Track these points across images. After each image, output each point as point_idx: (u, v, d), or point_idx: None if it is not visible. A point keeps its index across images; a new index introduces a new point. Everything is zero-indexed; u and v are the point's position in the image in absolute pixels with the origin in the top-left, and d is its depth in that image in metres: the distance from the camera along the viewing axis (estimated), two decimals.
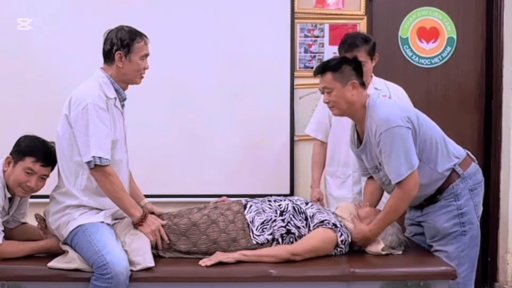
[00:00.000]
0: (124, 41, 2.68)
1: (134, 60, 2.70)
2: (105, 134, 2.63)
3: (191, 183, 3.84)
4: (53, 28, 3.76)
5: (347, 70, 2.77)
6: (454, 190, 2.76)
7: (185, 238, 2.77)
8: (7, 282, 2.58)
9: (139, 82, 2.79)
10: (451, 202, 2.77)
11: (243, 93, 3.83)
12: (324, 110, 3.41)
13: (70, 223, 2.66)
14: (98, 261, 2.53)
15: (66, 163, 2.69)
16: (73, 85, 3.70)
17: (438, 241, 2.81)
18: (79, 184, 2.69)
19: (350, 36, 3.35)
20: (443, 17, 4.09)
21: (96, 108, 2.62)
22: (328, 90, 2.78)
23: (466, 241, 2.76)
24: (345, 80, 2.75)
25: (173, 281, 2.61)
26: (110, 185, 2.62)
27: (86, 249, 2.59)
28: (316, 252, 2.74)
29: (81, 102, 2.64)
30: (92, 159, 2.58)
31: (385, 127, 2.65)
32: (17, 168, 2.70)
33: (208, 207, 2.93)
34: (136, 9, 3.79)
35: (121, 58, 2.68)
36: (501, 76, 4.05)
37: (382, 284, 2.65)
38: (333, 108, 2.81)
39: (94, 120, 2.60)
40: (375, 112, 2.71)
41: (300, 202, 2.94)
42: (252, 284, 2.61)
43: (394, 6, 4.09)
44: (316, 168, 3.52)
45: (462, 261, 2.76)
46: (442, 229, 2.78)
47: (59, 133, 2.70)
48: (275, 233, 2.79)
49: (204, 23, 3.83)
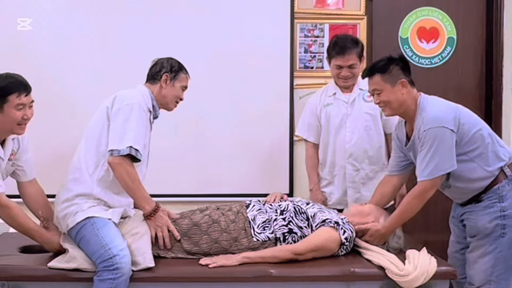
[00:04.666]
0: (173, 67, 2.92)
1: (176, 86, 2.92)
2: (142, 134, 2.75)
3: (190, 182, 3.83)
4: (53, 28, 3.75)
5: (395, 70, 2.79)
6: (500, 191, 2.75)
7: (187, 238, 2.78)
8: (7, 282, 2.58)
9: (172, 108, 2.96)
10: (495, 203, 2.75)
11: (243, 93, 3.83)
12: (313, 112, 3.52)
13: (78, 214, 2.67)
14: (104, 255, 2.54)
15: (90, 153, 2.75)
16: (73, 85, 3.76)
17: (477, 240, 2.79)
18: (97, 173, 2.73)
19: (341, 39, 3.39)
20: (443, 17, 4.09)
21: (141, 109, 2.76)
22: (378, 91, 2.81)
23: (504, 243, 2.74)
24: (394, 80, 2.78)
25: (173, 281, 2.61)
26: (127, 175, 2.67)
27: (93, 242, 2.60)
28: (320, 252, 2.75)
29: (127, 99, 2.77)
30: (127, 149, 2.65)
31: (431, 125, 2.67)
32: (6, 111, 2.61)
33: (209, 208, 2.94)
34: (137, 9, 3.79)
35: (167, 80, 2.89)
36: (501, 76, 4.05)
37: (382, 284, 2.65)
38: (385, 108, 2.84)
39: (136, 117, 2.73)
40: (425, 110, 2.74)
41: (301, 202, 2.95)
42: (252, 284, 2.62)
43: (394, 6, 4.09)
44: (313, 171, 3.54)
45: (498, 261, 2.74)
46: (484, 229, 2.76)
47: (90, 125, 2.82)
48: (276, 232, 2.79)
49: (204, 23, 3.83)
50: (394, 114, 2.86)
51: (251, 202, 2.96)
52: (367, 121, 3.41)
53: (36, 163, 3.67)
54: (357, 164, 3.42)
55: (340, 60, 3.32)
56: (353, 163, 3.42)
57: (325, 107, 3.47)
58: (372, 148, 3.42)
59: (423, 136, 2.70)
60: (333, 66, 3.38)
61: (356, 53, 3.34)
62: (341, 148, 3.43)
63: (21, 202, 2.86)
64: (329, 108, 3.46)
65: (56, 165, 3.68)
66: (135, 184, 2.70)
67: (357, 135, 3.41)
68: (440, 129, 2.67)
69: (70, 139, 3.69)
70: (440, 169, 2.68)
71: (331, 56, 3.36)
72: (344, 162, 3.43)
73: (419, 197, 2.74)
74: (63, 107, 3.75)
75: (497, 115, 4.07)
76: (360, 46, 3.38)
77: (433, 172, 2.68)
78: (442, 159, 2.67)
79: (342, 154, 3.43)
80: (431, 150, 2.67)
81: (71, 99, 3.75)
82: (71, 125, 3.73)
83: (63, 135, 3.73)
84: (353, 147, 3.41)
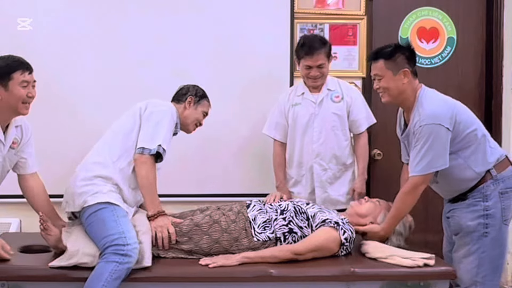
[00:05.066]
0: (198, 93, 3.15)
1: (198, 110, 3.14)
2: (169, 138, 2.92)
3: (190, 183, 3.83)
4: (53, 28, 3.75)
5: (400, 58, 2.79)
6: (484, 191, 2.76)
7: (187, 238, 2.78)
8: (7, 282, 2.58)
9: (191, 130, 3.17)
10: (479, 202, 2.77)
11: (243, 92, 3.83)
12: (281, 111, 3.57)
13: (98, 195, 2.73)
14: (118, 240, 2.59)
15: (115, 145, 2.88)
16: (73, 85, 3.76)
17: (460, 238, 2.81)
18: (119, 164, 2.84)
19: (309, 39, 3.45)
20: (443, 17, 4.09)
21: (173, 117, 2.98)
22: (379, 77, 2.82)
23: (487, 243, 2.74)
24: (398, 68, 2.78)
25: (173, 281, 2.62)
26: (147, 175, 2.79)
27: (110, 227, 2.64)
28: (320, 252, 2.75)
29: (161, 106, 2.98)
30: (157, 147, 2.81)
31: (427, 122, 2.69)
32: (11, 88, 2.65)
33: (210, 208, 2.94)
34: (137, 9, 3.79)
35: (191, 102, 3.11)
36: (501, 76, 4.05)
37: (382, 284, 2.65)
38: (383, 95, 2.85)
39: (168, 122, 2.91)
40: (423, 104, 2.75)
41: (301, 202, 2.95)
42: (252, 284, 2.62)
43: (394, 6, 4.08)
44: (279, 168, 3.59)
45: (482, 262, 2.75)
46: (466, 227, 2.78)
47: (121, 120, 2.98)
48: (276, 232, 2.80)
49: (204, 23, 3.83)
50: (391, 101, 2.85)
51: (251, 202, 2.97)
52: (334, 121, 3.47)
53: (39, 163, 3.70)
54: (324, 164, 3.47)
55: (309, 60, 3.38)
56: (320, 162, 3.47)
57: (293, 106, 3.53)
58: (339, 148, 3.48)
59: (419, 132, 2.71)
60: (302, 67, 3.44)
61: (325, 53, 3.39)
62: (309, 148, 3.48)
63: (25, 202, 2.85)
64: (297, 108, 3.51)
65: (56, 164, 3.69)
66: (151, 185, 2.81)
67: (324, 135, 3.46)
68: (436, 126, 2.68)
69: (70, 139, 3.71)
70: (432, 166, 2.70)
71: (300, 57, 3.42)
72: (311, 161, 3.48)
73: (411, 192, 2.76)
74: (63, 107, 3.74)
75: (497, 115, 4.07)
76: (328, 46, 3.44)
77: (425, 168, 2.71)
78: (436, 156, 2.69)
79: (310, 154, 3.48)
80: (425, 146, 2.69)
81: (71, 99, 3.75)
82: (71, 124, 3.73)
83: (63, 135, 3.73)
84: (320, 147, 3.46)
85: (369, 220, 2.90)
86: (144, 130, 2.88)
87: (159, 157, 2.85)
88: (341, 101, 3.51)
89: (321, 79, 3.45)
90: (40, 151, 3.70)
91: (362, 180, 3.55)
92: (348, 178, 3.55)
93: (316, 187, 3.48)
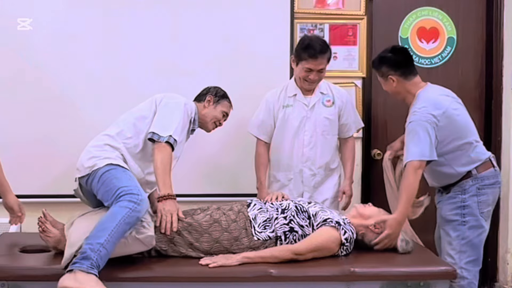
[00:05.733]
0: (218, 93, 3.30)
1: (218, 110, 3.28)
2: (180, 130, 3.01)
3: (190, 182, 3.83)
4: (53, 28, 3.75)
5: (384, 68, 3.17)
6: (464, 186, 3.07)
7: (188, 232, 2.79)
8: (7, 282, 2.58)
9: (210, 129, 3.31)
10: (458, 194, 3.09)
11: (243, 92, 3.82)
12: (269, 110, 3.49)
13: (108, 160, 2.87)
14: (134, 191, 2.70)
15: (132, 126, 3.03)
16: (73, 85, 3.75)
17: (443, 227, 3.15)
18: (128, 142, 2.99)
19: (314, 41, 3.33)
20: (443, 17, 4.09)
21: (186, 110, 3.09)
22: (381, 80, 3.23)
23: (466, 230, 3.05)
24: (385, 75, 3.18)
25: (173, 281, 2.62)
26: (162, 159, 2.90)
27: (125, 180, 2.77)
28: (320, 251, 2.75)
29: (176, 99, 3.11)
30: (167, 137, 2.91)
31: (413, 119, 3.01)
32: None
33: (210, 208, 2.94)
34: (137, 10, 3.78)
35: (210, 101, 3.26)
36: (501, 76, 4.05)
37: (382, 284, 2.65)
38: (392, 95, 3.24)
39: (181, 114, 3.04)
40: (417, 103, 3.07)
41: (302, 201, 2.96)
42: (252, 284, 2.62)
43: (394, 6, 4.08)
44: (262, 169, 3.50)
45: (463, 248, 3.05)
46: (446, 216, 3.12)
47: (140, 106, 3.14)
48: (277, 231, 2.80)
49: (204, 23, 3.82)
50: (399, 99, 3.24)
51: (252, 201, 2.97)
52: (325, 125, 3.43)
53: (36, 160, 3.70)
54: (314, 169, 3.43)
55: (311, 63, 3.30)
56: (310, 167, 3.43)
57: (284, 108, 3.45)
58: (329, 153, 3.46)
59: (407, 127, 3.03)
60: (301, 68, 3.34)
61: (327, 57, 3.34)
62: (299, 151, 3.43)
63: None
64: (288, 109, 3.44)
65: (56, 164, 3.69)
66: (165, 167, 2.90)
67: (315, 139, 3.42)
68: (423, 123, 2.98)
69: (70, 138, 3.71)
70: (423, 155, 2.95)
71: (302, 58, 3.31)
72: (301, 165, 3.43)
73: (412, 174, 2.94)
74: (63, 107, 3.74)
75: (497, 115, 4.07)
76: (330, 50, 3.36)
77: (416, 155, 2.95)
78: (425, 147, 2.95)
79: (299, 158, 3.43)
80: (414, 138, 2.97)
81: (71, 99, 3.74)
82: (71, 124, 3.73)
83: (63, 134, 3.73)
84: (310, 151, 3.42)
85: (371, 222, 2.89)
86: (157, 117, 3.01)
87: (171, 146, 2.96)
88: (332, 105, 3.47)
89: (317, 82, 3.41)
90: (40, 151, 3.72)
91: (350, 183, 3.54)
92: (333, 182, 3.51)
93: (304, 192, 3.44)
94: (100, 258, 2.50)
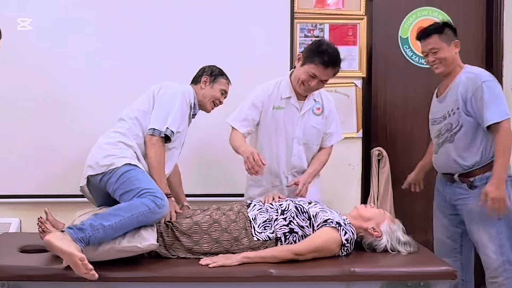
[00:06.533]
0: (213, 72, 3.27)
1: (215, 89, 3.24)
2: (180, 120, 3.03)
3: (190, 183, 3.82)
4: (53, 28, 3.75)
5: (450, 32, 3.14)
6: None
7: (187, 236, 2.78)
8: (7, 282, 2.57)
9: (209, 109, 3.27)
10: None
11: (243, 92, 3.82)
12: (256, 107, 3.25)
13: (126, 159, 2.86)
14: (157, 194, 2.71)
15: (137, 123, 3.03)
16: (73, 85, 3.75)
17: (475, 225, 3.06)
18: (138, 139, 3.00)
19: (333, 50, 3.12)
20: (443, 17, 4.08)
21: (185, 98, 3.08)
22: (435, 50, 3.13)
23: (502, 225, 3.01)
24: (449, 40, 3.12)
25: (173, 281, 2.61)
26: (155, 156, 2.94)
27: (147, 182, 2.77)
28: (321, 252, 2.74)
29: (173, 88, 3.10)
30: (165, 129, 2.95)
31: (488, 78, 3.02)
32: None
33: (210, 208, 2.94)
34: (137, 10, 3.79)
35: (206, 82, 3.23)
36: (501, 76, 4.05)
37: (382, 284, 2.65)
38: (439, 65, 3.15)
39: (180, 105, 3.04)
40: (473, 69, 3.12)
41: (303, 202, 2.95)
42: (252, 284, 2.62)
43: (394, 6, 4.09)
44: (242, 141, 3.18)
45: (503, 242, 3.03)
46: (479, 212, 3.02)
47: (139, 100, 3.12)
48: (277, 232, 2.79)
49: (204, 23, 3.83)
50: (446, 71, 3.14)
51: (252, 201, 2.97)
52: (312, 135, 3.28)
53: (36, 160, 3.70)
54: (298, 176, 3.29)
55: (320, 71, 3.08)
56: (295, 175, 3.30)
57: (275, 109, 3.23)
58: (308, 162, 3.33)
59: (481, 88, 2.99)
60: (306, 71, 3.11)
61: (336, 71, 3.15)
62: (286, 159, 3.26)
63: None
64: (278, 112, 3.22)
65: (56, 164, 3.69)
66: (158, 166, 2.94)
67: (301, 148, 3.28)
68: (495, 82, 3.04)
69: (70, 139, 3.71)
70: (504, 114, 2.96)
71: (312, 61, 3.08)
72: (287, 173, 3.29)
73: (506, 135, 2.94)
74: (63, 107, 3.74)
75: None
76: (340, 65, 3.15)
77: (501, 115, 2.96)
78: (503, 105, 2.99)
79: (286, 165, 3.27)
80: (494, 98, 2.97)
81: (71, 99, 3.74)
82: (71, 124, 3.73)
83: (63, 135, 3.73)
84: (297, 160, 3.28)
85: (372, 225, 2.87)
86: (155, 111, 3.02)
87: (168, 138, 2.98)
88: (321, 114, 3.30)
89: (313, 91, 3.23)
90: (40, 151, 3.72)
91: (308, 179, 3.27)
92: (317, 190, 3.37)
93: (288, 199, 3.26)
94: (94, 237, 2.52)
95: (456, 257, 3.24)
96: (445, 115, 3.13)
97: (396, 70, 4.10)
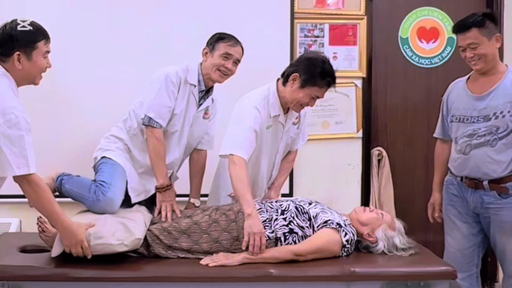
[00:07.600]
0: (212, 40, 3.18)
1: (215, 56, 3.14)
2: (165, 103, 3.03)
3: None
4: (53, 28, 3.73)
5: (491, 25, 2.89)
6: None
7: (186, 236, 2.78)
8: (7, 282, 2.57)
9: (219, 80, 3.18)
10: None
11: (243, 92, 3.81)
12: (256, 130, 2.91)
13: (107, 151, 3.07)
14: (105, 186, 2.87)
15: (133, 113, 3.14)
16: (73, 85, 3.75)
17: (509, 236, 2.88)
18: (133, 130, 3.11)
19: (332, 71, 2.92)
20: (443, 17, 4.09)
21: (167, 80, 3.04)
22: (474, 45, 2.87)
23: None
24: (490, 34, 2.87)
25: (173, 281, 2.62)
26: (153, 147, 3.02)
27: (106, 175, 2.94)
28: (321, 253, 2.74)
29: (159, 73, 3.09)
30: (144, 116, 3.02)
31: None
32: (34, 58, 2.53)
33: (210, 208, 2.94)
34: (137, 11, 3.79)
35: (207, 53, 3.16)
36: None
37: (382, 284, 2.65)
38: (478, 62, 2.89)
39: (157, 89, 3.04)
40: None
41: (303, 202, 2.93)
42: (252, 284, 2.62)
43: (394, 6, 4.09)
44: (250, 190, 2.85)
45: None
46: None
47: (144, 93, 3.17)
48: (277, 232, 2.79)
49: (204, 23, 3.82)
50: (485, 67, 2.90)
51: None
52: (288, 145, 3.20)
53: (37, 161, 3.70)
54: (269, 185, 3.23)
55: (324, 91, 2.94)
56: (269, 185, 3.24)
57: (266, 129, 3.02)
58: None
59: None
60: (309, 95, 2.90)
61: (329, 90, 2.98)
62: (268, 173, 3.16)
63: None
64: (267, 131, 3.02)
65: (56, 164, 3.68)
66: (155, 157, 3.02)
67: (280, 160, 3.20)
68: None
69: (70, 139, 3.71)
70: None
71: (315, 84, 2.87)
72: (266, 186, 3.22)
73: None
74: (63, 107, 3.74)
75: None
76: None
77: None
78: None
79: (267, 179, 3.18)
80: None
81: (71, 99, 3.74)
82: (71, 124, 3.73)
83: (63, 134, 3.73)
84: (275, 171, 3.21)
85: (367, 231, 2.85)
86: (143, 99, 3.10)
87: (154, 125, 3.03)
88: (298, 123, 3.18)
89: None
90: (40, 151, 3.70)
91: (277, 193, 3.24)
92: None
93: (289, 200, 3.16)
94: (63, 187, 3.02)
95: (472, 271, 3.06)
96: (489, 116, 2.87)
97: (396, 70, 4.10)
